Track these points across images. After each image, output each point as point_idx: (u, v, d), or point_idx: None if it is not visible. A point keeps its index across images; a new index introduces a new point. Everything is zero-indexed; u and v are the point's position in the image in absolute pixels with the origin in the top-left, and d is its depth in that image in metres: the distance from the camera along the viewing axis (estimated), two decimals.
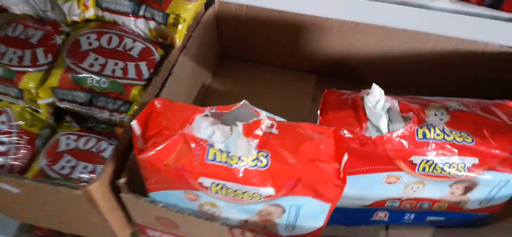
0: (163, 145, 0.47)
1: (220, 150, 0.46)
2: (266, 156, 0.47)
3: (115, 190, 0.55)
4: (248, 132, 0.47)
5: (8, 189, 0.54)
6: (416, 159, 0.53)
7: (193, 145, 0.47)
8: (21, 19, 0.70)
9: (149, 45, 0.68)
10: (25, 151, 0.65)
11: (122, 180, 0.53)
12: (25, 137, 0.66)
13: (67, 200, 0.53)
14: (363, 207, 0.61)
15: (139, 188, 0.52)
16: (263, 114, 0.49)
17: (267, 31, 0.85)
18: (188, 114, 0.49)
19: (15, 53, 0.66)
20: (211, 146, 0.47)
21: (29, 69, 0.65)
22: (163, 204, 0.51)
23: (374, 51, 0.84)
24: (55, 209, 0.57)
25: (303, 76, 0.91)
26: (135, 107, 0.62)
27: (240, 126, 0.47)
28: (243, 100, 0.51)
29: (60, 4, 0.65)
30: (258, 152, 0.47)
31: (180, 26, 0.66)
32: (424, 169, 0.54)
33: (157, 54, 0.67)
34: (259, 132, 0.47)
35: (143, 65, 0.65)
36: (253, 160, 0.46)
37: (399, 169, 0.54)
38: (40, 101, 0.64)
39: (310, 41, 0.86)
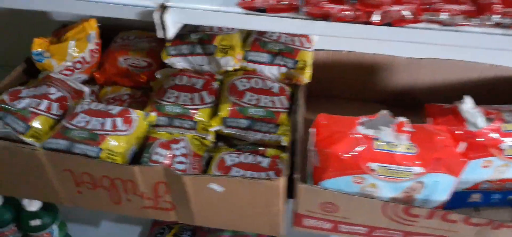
0: (341, 142, 0.69)
1: (383, 142, 0.68)
2: (414, 145, 0.69)
3: (287, 186, 0.76)
4: (399, 128, 0.69)
5: (215, 188, 0.74)
6: (503, 145, 0.75)
7: (363, 140, 0.69)
8: (182, 72, 0.92)
9: (282, 84, 0.91)
10: (196, 169, 0.85)
11: (297, 175, 0.74)
12: (196, 158, 0.86)
13: (259, 191, 0.74)
14: (463, 190, 0.82)
15: None
16: (402, 118, 0.72)
17: (346, 70, 1.09)
18: (350, 121, 0.72)
19: (187, 96, 0.88)
20: (376, 139, 0.69)
21: (200, 107, 0.87)
22: (333, 189, 0.72)
23: (433, 82, 1.08)
24: (243, 203, 0.77)
25: (375, 106, 1.13)
26: (285, 127, 0.84)
27: (392, 126, 0.70)
28: (384, 110, 0.73)
29: (218, 59, 0.89)
30: (408, 143, 0.69)
31: (307, 70, 0.89)
32: (509, 154, 0.76)
33: (288, 90, 0.91)
34: (406, 128, 0.70)
35: (283, 98, 0.88)
36: (406, 148, 0.68)
37: (491, 155, 0.76)
38: (211, 129, 0.85)
39: (381, 76, 1.10)
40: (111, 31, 1.05)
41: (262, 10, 0.60)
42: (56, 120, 0.84)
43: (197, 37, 0.91)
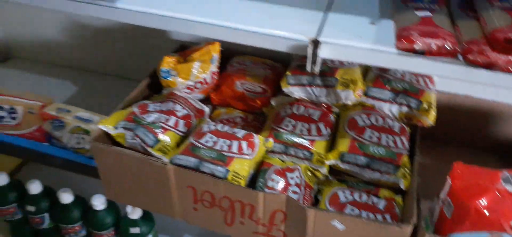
0: (483, 196, 0.65)
1: None
2: None
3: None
4: None
5: (337, 226, 0.73)
6: None
7: (507, 196, 0.64)
8: (299, 101, 0.93)
9: (402, 124, 0.88)
10: (307, 201, 0.85)
11: (423, 224, 0.71)
12: (307, 189, 0.85)
13: (383, 236, 0.71)
14: None
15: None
16: None
17: (461, 115, 1.04)
18: (491, 174, 0.68)
19: (304, 126, 0.88)
20: None
21: (317, 138, 0.87)
22: None
23: None
24: None
25: (486, 155, 1.07)
26: (405, 170, 0.81)
27: None
28: None
29: (338, 92, 0.88)
30: None
31: (432, 112, 0.86)
32: None
33: (408, 131, 0.88)
34: None
35: (404, 139, 0.86)
36: None
37: None
38: (328, 162, 0.84)
39: (497, 125, 1.04)
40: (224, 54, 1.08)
41: (420, 53, 0.59)
42: (182, 137, 0.87)
43: None
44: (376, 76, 0.92)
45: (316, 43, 0.63)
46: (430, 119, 0.87)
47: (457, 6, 0.69)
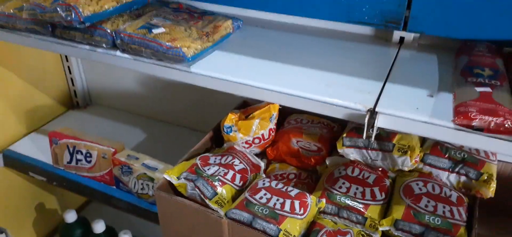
0: None
1: None
2: None
3: None
4: None
5: None
6: None
7: None
8: (354, 163, 0.95)
9: (460, 194, 0.86)
10: None
11: None
12: None
13: None
14: None
15: None
16: None
17: None
18: None
19: (358, 189, 0.89)
20: None
21: (371, 203, 0.87)
22: None
23: None
24: None
25: None
26: None
27: None
28: None
29: (395, 157, 0.89)
30: None
31: (492, 184, 0.84)
32: None
33: (466, 201, 0.86)
34: None
35: (461, 209, 0.83)
36: None
37: None
38: (381, 228, 0.84)
39: None
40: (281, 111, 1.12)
41: (478, 129, 0.60)
42: (237, 191, 0.92)
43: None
44: (434, 144, 0.91)
45: (373, 113, 0.65)
46: (490, 191, 0.85)
47: None
